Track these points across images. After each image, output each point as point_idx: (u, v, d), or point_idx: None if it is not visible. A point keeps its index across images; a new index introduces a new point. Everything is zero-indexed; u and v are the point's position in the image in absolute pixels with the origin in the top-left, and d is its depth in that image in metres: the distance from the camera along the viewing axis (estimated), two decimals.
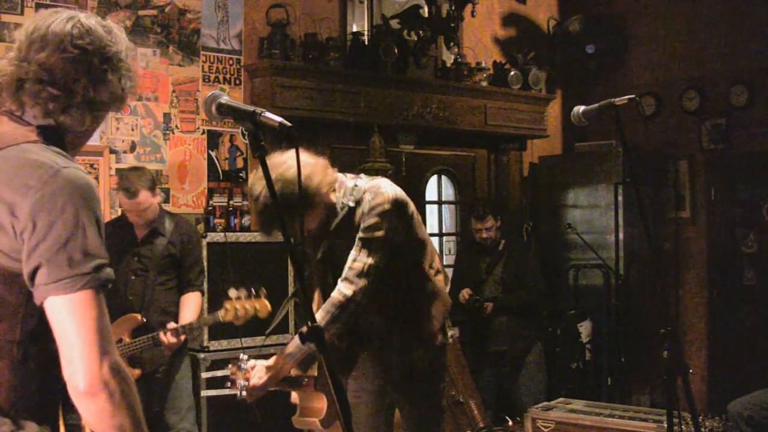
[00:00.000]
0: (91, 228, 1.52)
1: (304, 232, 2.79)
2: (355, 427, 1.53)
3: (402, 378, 3.07)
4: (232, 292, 3.91)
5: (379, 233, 2.83)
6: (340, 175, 2.98)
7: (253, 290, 3.91)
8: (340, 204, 2.89)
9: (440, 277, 3.13)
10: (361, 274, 2.80)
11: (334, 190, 2.88)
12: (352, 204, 2.87)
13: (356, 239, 2.85)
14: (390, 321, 3.00)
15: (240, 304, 3.89)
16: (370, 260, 2.81)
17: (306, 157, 2.74)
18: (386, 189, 2.89)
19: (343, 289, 2.80)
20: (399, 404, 3.17)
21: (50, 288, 1.49)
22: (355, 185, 2.91)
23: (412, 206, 2.99)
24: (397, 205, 2.88)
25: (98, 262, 1.51)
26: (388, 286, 2.92)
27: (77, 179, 1.53)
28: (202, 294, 4.30)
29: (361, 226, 2.84)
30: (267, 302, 3.90)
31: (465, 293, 5.34)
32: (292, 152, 2.53)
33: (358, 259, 2.81)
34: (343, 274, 2.82)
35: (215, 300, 4.31)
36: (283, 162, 2.67)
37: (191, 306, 4.16)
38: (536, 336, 5.61)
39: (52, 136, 1.61)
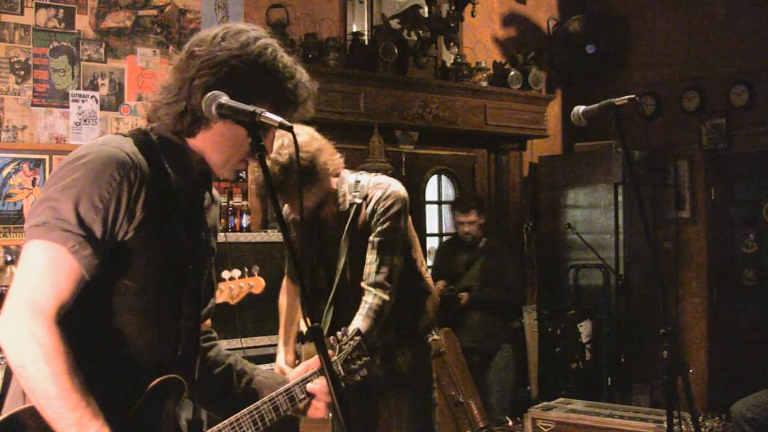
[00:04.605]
0: (70, 198, 1.54)
1: (302, 207, 2.85)
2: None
3: (385, 387, 3.04)
4: (225, 273, 3.95)
5: (399, 234, 2.87)
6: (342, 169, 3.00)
7: (246, 269, 3.95)
8: (347, 200, 2.90)
9: (429, 273, 3.19)
10: (390, 277, 2.84)
11: (337, 175, 2.91)
12: (359, 201, 2.89)
13: (374, 242, 2.85)
14: (389, 321, 2.98)
15: (234, 283, 3.91)
16: (396, 261, 2.86)
17: (319, 135, 2.87)
18: (396, 187, 2.93)
19: (381, 294, 2.82)
20: (387, 409, 3.15)
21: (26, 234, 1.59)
22: (358, 181, 2.94)
23: None
24: (406, 203, 2.93)
25: (61, 225, 1.53)
26: None
27: (96, 155, 1.58)
28: None
29: (378, 228, 2.85)
30: (261, 279, 3.93)
31: (440, 284, 5.35)
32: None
33: (384, 263, 2.84)
34: (372, 279, 2.84)
35: None
36: (298, 133, 2.67)
37: None
38: (506, 337, 5.63)
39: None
